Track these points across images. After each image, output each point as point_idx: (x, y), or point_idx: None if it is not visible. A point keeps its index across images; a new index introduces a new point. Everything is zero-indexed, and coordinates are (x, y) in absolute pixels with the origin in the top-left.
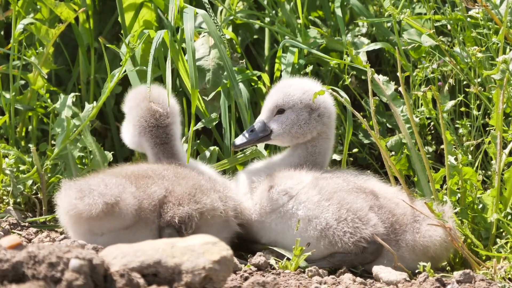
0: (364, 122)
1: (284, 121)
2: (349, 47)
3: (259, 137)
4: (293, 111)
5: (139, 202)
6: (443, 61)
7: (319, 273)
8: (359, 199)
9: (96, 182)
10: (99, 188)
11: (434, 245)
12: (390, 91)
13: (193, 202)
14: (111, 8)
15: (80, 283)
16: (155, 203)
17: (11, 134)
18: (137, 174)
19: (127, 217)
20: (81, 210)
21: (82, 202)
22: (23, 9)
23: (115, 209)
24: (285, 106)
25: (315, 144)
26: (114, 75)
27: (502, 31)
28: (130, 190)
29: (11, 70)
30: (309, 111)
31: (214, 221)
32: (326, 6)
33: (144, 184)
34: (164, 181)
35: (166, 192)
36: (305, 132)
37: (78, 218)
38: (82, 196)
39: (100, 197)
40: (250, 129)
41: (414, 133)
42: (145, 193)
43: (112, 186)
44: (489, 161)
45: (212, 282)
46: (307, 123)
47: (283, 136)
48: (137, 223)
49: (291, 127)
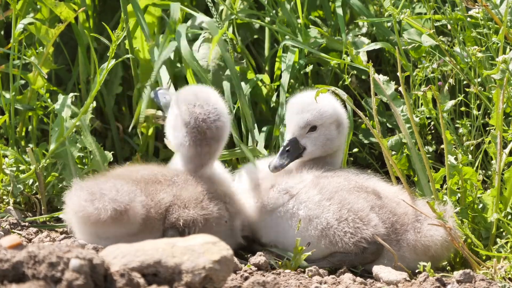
0: (366, 121)
1: (317, 138)
2: (349, 47)
3: (295, 156)
4: (325, 127)
5: (147, 211)
6: (443, 61)
7: (319, 273)
8: (360, 199)
9: (108, 187)
10: (110, 194)
11: (435, 245)
12: (391, 90)
13: (200, 207)
14: (111, 8)
15: (80, 283)
16: (162, 210)
17: (11, 134)
18: (147, 179)
19: (134, 225)
20: (89, 213)
21: (92, 206)
22: (23, 9)
23: (123, 216)
24: (318, 123)
25: (333, 155)
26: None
27: (502, 31)
28: (140, 199)
29: (11, 70)
30: (336, 125)
31: (218, 229)
32: (326, 5)
33: (153, 191)
34: (173, 188)
35: (174, 198)
36: (334, 146)
37: (86, 220)
38: (93, 199)
39: (111, 203)
40: (285, 149)
41: (414, 132)
42: (153, 201)
43: (124, 193)
44: (489, 161)
45: (212, 282)
46: (337, 138)
47: (314, 153)
48: (143, 231)
49: (323, 143)
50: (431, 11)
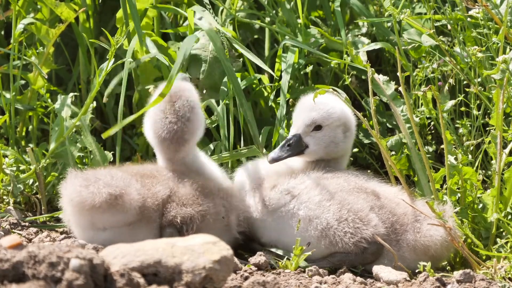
0: (364, 121)
1: (321, 138)
2: (349, 47)
3: (295, 153)
4: (331, 129)
5: (143, 200)
6: (443, 61)
7: (319, 272)
8: (360, 199)
9: (102, 173)
10: (105, 179)
11: (435, 245)
12: (390, 90)
13: (197, 204)
14: (111, 8)
15: (80, 282)
16: (159, 202)
17: (11, 134)
18: (142, 173)
19: (130, 212)
20: (84, 197)
21: (87, 190)
22: (23, 9)
23: (118, 201)
24: (324, 123)
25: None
26: (102, 70)
27: (502, 31)
28: (135, 186)
29: (11, 70)
30: (343, 130)
31: (215, 225)
32: (326, 6)
33: (149, 183)
34: (169, 182)
35: (171, 192)
36: (339, 150)
37: (81, 207)
38: (87, 184)
39: (105, 187)
40: (287, 143)
41: (414, 132)
42: (150, 192)
43: (118, 178)
44: (489, 160)
45: (212, 282)
46: (343, 142)
47: (317, 153)
48: (140, 221)
49: (327, 144)
50: (431, 11)
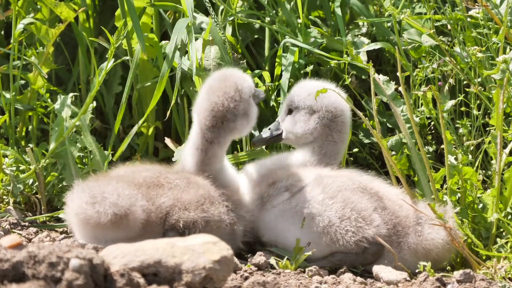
0: (366, 121)
1: (291, 121)
2: (349, 46)
3: (273, 136)
4: (298, 112)
5: (147, 216)
6: (443, 61)
7: (319, 272)
8: (364, 199)
9: (110, 190)
10: (111, 198)
11: (437, 248)
12: (391, 90)
13: (200, 210)
14: (111, 8)
15: (80, 282)
16: (163, 214)
17: (11, 134)
18: (149, 183)
19: (134, 229)
20: (89, 216)
21: (93, 209)
22: (23, 9)
23: (123, 221)
24: (292, 106)
25: (320, 146)
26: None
27: (502, 31)
28: (141, 203)
29: (11, 70)
30: (310, 112)
31: (219, 232)
32: (326, 5)
33: (154, 195)
34: (175, 191)
35: (174, 201)
36: (305, 132)
37: (86, 223)
38: (94, 202)
39: (111, 207)
40: (268, 127)
41: (415, 132)
42: (154, 205)
43: (125, 197)
44: (489, 161)
45: (213, 282)
46: (306, 123)
47: (289, 136)
48: (143, 235)
49: (294, 127)
50: (431, 11)
